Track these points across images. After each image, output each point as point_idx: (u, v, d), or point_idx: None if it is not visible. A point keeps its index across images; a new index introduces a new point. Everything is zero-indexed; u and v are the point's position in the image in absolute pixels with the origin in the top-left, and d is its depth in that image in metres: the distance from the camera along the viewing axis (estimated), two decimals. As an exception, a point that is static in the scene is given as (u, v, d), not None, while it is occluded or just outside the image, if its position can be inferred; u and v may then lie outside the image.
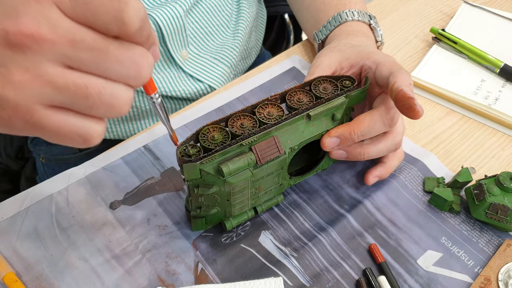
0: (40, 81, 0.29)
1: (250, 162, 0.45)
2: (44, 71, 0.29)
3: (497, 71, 0.69)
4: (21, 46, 0.28)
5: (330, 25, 0.63)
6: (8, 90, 0.29)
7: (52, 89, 0.29)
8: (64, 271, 0.48)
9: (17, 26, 0.28)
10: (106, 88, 0.30)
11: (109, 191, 0.54)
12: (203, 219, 0.50)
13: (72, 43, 0.29)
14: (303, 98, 0.49)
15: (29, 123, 0.30)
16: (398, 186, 0.56)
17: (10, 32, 0.28)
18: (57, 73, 0.29)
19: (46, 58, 0.28)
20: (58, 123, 0.30)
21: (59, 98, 0.30)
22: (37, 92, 0.29)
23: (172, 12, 0.66)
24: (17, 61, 0.28)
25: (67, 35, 0.28)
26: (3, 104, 0.29)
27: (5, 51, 0.28)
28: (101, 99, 0.30)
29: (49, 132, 0.30)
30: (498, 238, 0.52)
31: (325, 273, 0.49)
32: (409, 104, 0.46)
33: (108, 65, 0.30)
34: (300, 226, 0.53)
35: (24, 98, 0.29)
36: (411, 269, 0.50)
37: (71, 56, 0.29)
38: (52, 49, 0.28)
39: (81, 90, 0.30)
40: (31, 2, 0.28)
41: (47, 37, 0.28)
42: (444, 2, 0.82)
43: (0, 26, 0.28)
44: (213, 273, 0.49)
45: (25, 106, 0.29)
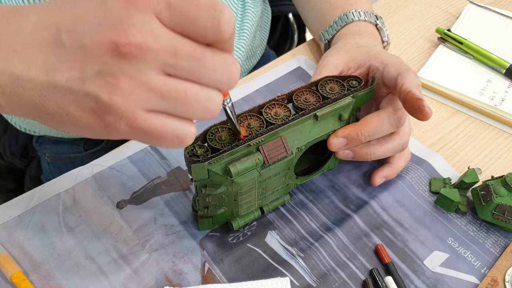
0: (145, 88, 0.30)
1: (258, 162, 0.45)
2: (148, 79, 0.30)
3: (503, 71, 0.69)
4: (128, 56, 0.29)
5: (337, 25, 0.63)
6: (116, 97, 0.30)
7: (155, 96, 0.31)
8: (72, 270, 0.48)
9: (127, 37, 0.29)
10: (202, 94, 0.32)
11: (116, 191, 0.55)
12: (210, 218, 0.50)
13: (173, 52, 0.30)
14: (310, 98, 0.50)
15: (132, 127, 0.31)
16: (405, 186, 0.56)
17: (120, 44, 0.29)
18: (160, 81, 0.31)
19: (150, 66, 0.30)
20: (158, 126, 0.32)
21: (161, 104, 0.31)
22: (142, 98, 0.31)
23: None
24: (124, 70, 0.30)
25: (169, 44, 0.30)
26: (111, 110, 0.30)
27: (112, 60, 0.30)
28: (198, 103, 0.32)
29: (149, 135, 0.32)
30: (505, 239, 0.52)
31: (332, 274, 0.49)
32: (418, 105, 0.46)
33: (204, 72, 0.32)
34: (307, 226, 0.53)
35: (129, 104, 0.30)
36: (418, 270, 0.50)
37: (172, 64, 0.31)
38: (156, 58, 0.30)
39: (181, 96, 0.31)
40: (133, 13, 0.29)
41: (152, 47, 0.30)
42: (449, 2, 0.82)
43: (110, 38, 0.29)
44: (220, 272, 0.49)
45: (130, 111, 0.31)
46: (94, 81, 0.30)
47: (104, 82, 0.30)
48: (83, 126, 0.32)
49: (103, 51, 0.29)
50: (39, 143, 0.81)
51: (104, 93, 0.30)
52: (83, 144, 0.79)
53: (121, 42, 0.29)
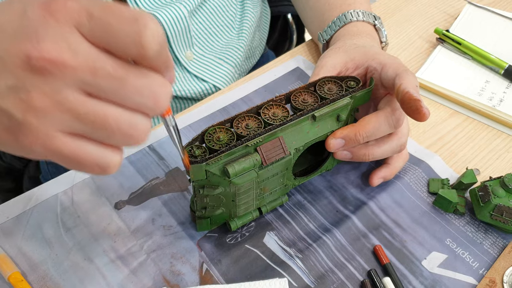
0: (61, 108, 0.28)
1: (256, 163, 0.45)
2: (65, 98, 0.28)
3: (501, 72, 0.69)
4: (42, 71, 0.27)
5: (335, 25, 0.63)
6: (29, 117, 0.28)
7: (72, 117, 0.29)
8: (69, 271, 0.48)
9: (40, 51, 0.27)
10: (124, 118, 0.30)
11: (114, 191, 0.54)
12: (208, 219, 0.50)
13: (92, 70, 0.28)
14: (308, 99, 0.49)
15: (48, 150, 0.29)
16: (403, 187, 0.56)
17: (32, 57, 0.27)
18: (77, 101, 0.28)
19: (67, 84, 0.28)
20: (77, 151, 0.30)
21: (79, 126, 0.29)
22: (57, 119, 0.28)
23: (177, 13, 0.66)
24: (38, 86, 0.28)
25: (88, 61, 0.28)
26: (24, 131, 0.28)
27: (25, 75, 0.27)
28: (119, 129, 0.30)
29: (67, 159, 0.30)
30: (503, 240, 0.52)
31: (330, 274, 0.49)
32: (416, 106, 0.46)
33: (126, 94, 0.29)
34: (305, 227, 0.53)
35: (44, 124, 0.28)
36: (416, 271, 0.50)
37: (91, 83, 0.28)
38: (73, 76, 0.28)
39: (100, 119, 0.29)
40: (51, 24, 0.27)
41: (69, 63, 0.27)
42: (448, 3, 0.82)
43: (22, 49, 0.27)
44: (217, 273, 0.49)
45: (45, 133, 0.28)
46: (7, 97, 0.28)
47: (18, 98, 0.28)
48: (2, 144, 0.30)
49: (17, 64, 0.27)
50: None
51: (17, 110, 0.28)
52: None
53: (33, 55, 0.27)
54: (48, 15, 0.27)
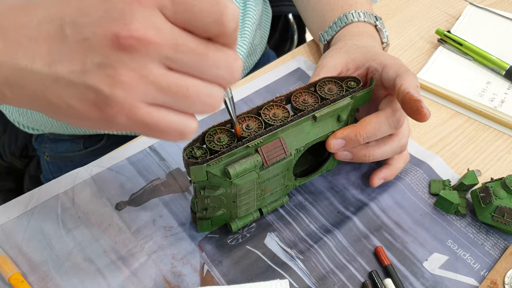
0: (145, 81, 0.30)
1: (257, 163, 0.45)
2: (149, 72, 0.30)
3: (502, 73, 0.69)
4: (129, 49, 0.29)
5: (336, 26, 0.63)
6: (116, 90, 0.30)
7: (156, 89, 0.31)
8: (70, 271, 0.48)
9: (128, 30, 0.29)
10: (203, 89, 0.32)
11: (114, 192, 0.54)
12: (208, 220, 0.50)
13: (175, 46, 0.30)
14: (309, 99, 0.49)
15: (132, 120, 0.31)
16: (404, 188, 0.56)
17: (121, 36, 0.29)
18: (161, 74, 0.31)
19: (151, 59, 0.30)
20: (159, 120, 0.32)
21: (161, 98, 0.31)
22: (142, 91, 0.31)
23: None
24: (124, 62, 0.30)
25: (171, 38, 0.30)
26: (111, 103, 0.30)
27: (113, 53, 0.30)
28: (199, 99, 0.32)
29: (149, 128, 0.32)
30: (504, 241, 0.52)
31: (331, 276, 0.49)
32: (416, 106, 0.46)
33: (206, 68, 0.32)
34: (306, 228, 0.53)
35: (130, 97, 0.30)
36: (417, 272, 0.50)
37: (173, 59, 0.31)
38: (157, 52, 0.30)
39: (182, 91, 0.31)
40: (136, 6, 0.30)
41: (154, 40, 0.30)
42: (449, 4, 0.82)
43: (111, 30, 0.29)
44: (218, 274, 0.49)
45: (130, 104, 0.31)
46: (95, 74, 0.30)
47: (105, 74, 0.30)
48: (84, 118, 0.32)
49: (104, 44, 0.30)
50: (39, 142, 0.81)
51: (104, 85, 0.30)
52: (83, 142, 0.79)
53: (122, 34, 0.29)
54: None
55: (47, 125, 0.74)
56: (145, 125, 0.32)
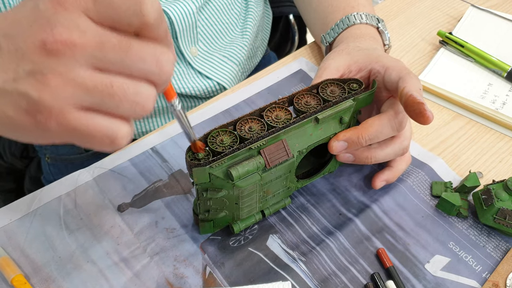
0: (73, 84, 0.31)
1: (259, 165, 0.45)
2: (76, 74, 0.31)
3: (504, 75, 0.69)
4: (56, 53, 0.30)
5: (338, 28, 0.63)
6: (44, 95, 0.31)
7: (83, 91, 0.31)
8: (73, 273, 0.48)
9: (53, 35, 0.30)
10: (129, 86, 0.32)
11: (117, 194, 0.54)
12: (211, 222, 0.50)
13: (99, 45, 0.31)
14: (311, 101, 0.49)
15: (62, 125, 0.31)
16: (406, 190, 0.56)
17: (48, 42, 0.30)
18: (87, 75, 0.31)
19: (78, 62, 0.31)
20: (88, 124, 0.32)
21: (89, 99, 0.31)
22: (70, 94, 0.31)
23: (185, 8, 0.67)
24: (52, 67, 0.31)
25: (95, 38, 0.31)
26: (40, 108, 0.31)
27: (42, 59, 0.30)
28: (126, 96, 0.32)
29: (80, 134, 0.32)
30: (506, 243, 0.52)
31: (333, 278, 0.49)
32: (419, 109, 0.46)
33: (131, 63, 0.32)
34: (308, 230, 0.53)
35: (58, 100, 0.31)
36: (419, 274, 0.50)
37: (99, 57, 0.31)
38: (83, 53, 0.31)
39: (107, 89, 0.32)
40: (61, 12, 0.30)
41: (78, 42, 0.30)
42: (451, 5, 0.82)
43: (38, 38, 0.30)
44: (221, 276, 0.49)
45: (59, 108, 0.31)
46: (25, 81, 0.31)
47: (34, 80, 0.31)
48: (19, 128, 0.32)
49: (34, 51, 0.30)
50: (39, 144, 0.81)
51: (34, 91, 0.31)
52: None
53: (48, 40, 0.30)
54: (58, 5, 0.31)
55: None
56: (75, 130, 0.32)
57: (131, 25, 0.32)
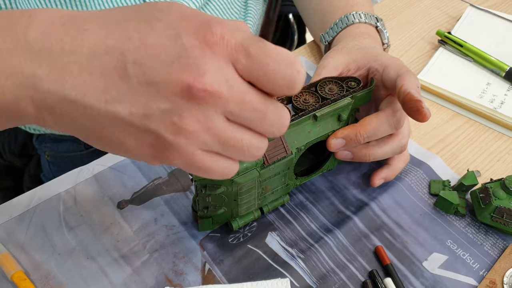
0: (208, 132, 0.31)
1: (258, 162, 0.46)
2: (213, 125, 0.30)
3: (502, 74, 0.70)
4: (199, 101, 0.29)
5: (337, 27, 0.64)
6: (179, 139, 0.30)
7: (215, 140, 0.31)
8: (72, 270, 0.49)
9: (203, 83, 0.29)
10: (255, 143, 0.33)
11: (116, 191, 0.55)
12: (210, 219, 0.51)
13: (241, 102, 0.30)
14: (309, 99, 0.50)
15: (187, 164, 0.32)
16: (404, 188, 0.57)
17: (195, 88, 0.29)
18: (222, 127, 0.31)
19: (216, 112, 0.30)
20: (210, 165, 0.33)
21: (218, 147, 0.32)
22: (203, 141, 0.31)
23: None
24: (191, 112, 0.29)
25: (239, 94, 0.30)
26: (172, 150, 0.31)
27: (181, 102, 0.29)
28: (249, 151, 0.33)
29: (200, 170, 0.33)
30: (503, 241, 0.53)
31: (332, 275, 0.49)
32: (417, 107, 0.46)
33: (263, 125, 0.32)
34: (307, 228, 0.53)
35: (191, 145, 0.31)
36: (417, 272, 0.50)
37: (236, 113, 0.31)
38: (224, 106, 0.30)
39: (238, 144, 0.32)
40: (210, 57, 0.29)
41: (224, 95, 0.29)
42: (450, 5, 0.82)
43: (184, 80, 0.29)
44: (220, 273, 0.49)
45: (190, 152, 0.31)
46: (159, 120, 0.29)
47: (169, 121, 0.29)
48: (135, 155, 0.32)
49: (173, 92, 0.29)
50: (39, 142, 0.81)
51: (167, 132, 0.30)
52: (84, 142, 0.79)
53: (196, 86, 0.28)
54: (207, 48, 0.29)
55: None
56: (197, 168, 0.32)
57: (276, 93, 0.31)
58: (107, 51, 0.29)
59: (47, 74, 0.30)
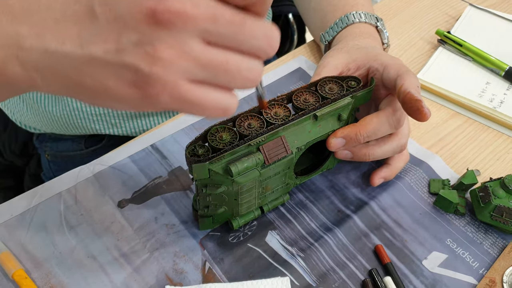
0: (186, 57, 0.29)
1: (258, 162, 0.46)
2: (189, 48, 0.29)
3: (502, 74, 0.70)
4: (167, 24, 0.28)
5: (337, 27, 0.64)
6: (156, 68, 0.29)
7: (196, 65, 0.30)
8: (73, 268, 0.49)
9: (165, 4, 0.28)
10: (243, 63, 0.31)
11: (117, 190, 0.55)
12: (210, 218, 0.51)
13: (213, 18, 0.29)
14: (310, 99, 0.50)
15: (174, 98, 0.30)
16: (404, 187, 0.57)
17: (158, 11, 0.28)
18: (200, 49, 0.30)
19: (190, 34, 0.29)
20: (201, 97, 0.31)
21: (202, 74, 0.30)
22: (183, 68, 0.30)
23: None
24: (163, 39, 0.29)
25: (208, 11, 0.29)
26: (152, 82, 0.30)
27: (151, 29, 0.29)
28: (240, 73, 0.31)
29: (192, 105, 0.31)
30: (503, 240, 0.53)
31: (331, 274, 0.49)
32: (417, 106, 0.47)
33: (244, 39, 0.31)
34: (307, 226, 0.53)
35: (171, 74, 0.30)
36: (417, 270, 0.50)
37: (212, 31, 0.30)
38: (195, 26, 0.29)
39: (223, 66, 0.31)
40: None
41: (191, 13, 0.29)
42: (449, 4, 0.82)
43: (146, 6, 0.28)
44: (220, 272, 0.49)
45: (172, 82, 0.30)
46: (132, 52, 0.29)
47: (143, 52, 0.29)
48: (122, 100, 0.31)
49: (140, 20, 0.29)
50: (39, 141, 0.81)
51: (143, 64, 0.29)
52: (84, 141, 0.79)
53: (159, 9, 0.28)
54: None
55: (48, 125, 0.74)
56: (188, 103, 0.31)
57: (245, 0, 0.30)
58: (77, 0, 0.31)
59: (28, 31, 0.31)
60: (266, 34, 0.31)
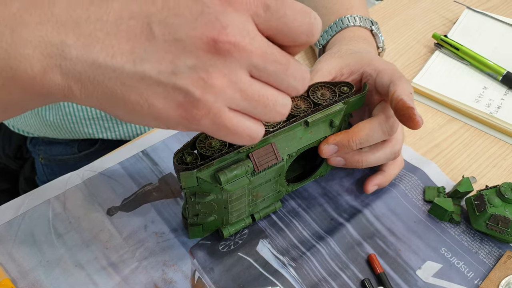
0: (234, 87, 0.31)
1: (248, 169, 0.45)
2: (239, 79, 0.31)
3: (499, 78, 0.69)
4: (225, 53, 0.30)
5: (332, 30, 0.63)
6: (208, 94, 0.30)
7: (241, 96, 0.32)
8: (60, 277, 0.48)
9: (226, 35, 0.29)
10: (280, 99, 0.33)
11: (106, 197, 0.54)
12: (200, 226, 0.50)
13: (263, 55, 0.31)
14: (301, 104, 0.49)
15: (215, 123, 0.32)
16: (398, 195, 0.56)
17: (220, 40, 0.29)
18: (248, 82, 0.31)
19: (241, 66, 0.31)
20: (237, 125, 0.33)
21: (243, 104, 0.32)
22: (230, 96, 0.31)
23: None
24: (217, 66, 0.30)
25: (261, 47, 0.31)
26: (200, 106, 0.31)
27: (207, 56, 0.30)
28: (275, 108, 0.33)
29: (227, 132, 0.33)
30: (499, 249, 0.52)
31: (323, 284, 0.48)
32: (409, 114, 0.46)
33: (284, 78, 0.32)
34: (299, 235, 0.52)
35: (219, 101, 0.31)
36: (410, 280, 0.49)
37: (260, 67, 0.31)
38: (248, 59, 0.31)
39: (263, 100, 0.32)
40: (230, 12, 0.30)
41: (247, 47, 0.30)
42: (446, 8, 0.81)
43: (207, 34, 0.29)
44: (210, 282, 0.48)
45: (217, 108, 0.31)
46: (187, 76, 0.30)
47: (197, 77, 0.30)
48: (163, 119, 0.32)
49: (199, 46, 0.29)
50: (33, 145, 0.81)
51: (195, 88, 0.30)
52: (77, 145, 0.78)
53: (220, 38, 0.29)
54: (227, 4, 0.30)
55: (41, 129, 0.74)
56: (226, 129, 0.32)
57: (296, 42, 0.32)
58: (132, 16, 0.30)
59: (74, 41, 0.30)
60: (303, 77, 0.33)
